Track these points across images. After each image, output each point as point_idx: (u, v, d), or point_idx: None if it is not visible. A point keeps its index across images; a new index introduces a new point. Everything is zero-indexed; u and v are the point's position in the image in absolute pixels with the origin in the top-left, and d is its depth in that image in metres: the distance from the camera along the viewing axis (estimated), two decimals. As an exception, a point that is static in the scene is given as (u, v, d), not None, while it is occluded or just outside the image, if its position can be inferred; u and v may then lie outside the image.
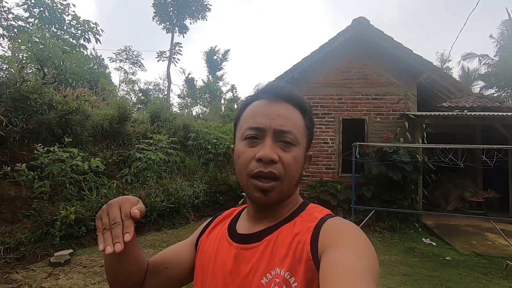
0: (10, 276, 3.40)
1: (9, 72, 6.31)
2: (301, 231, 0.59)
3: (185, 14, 19.25)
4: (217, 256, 0.65)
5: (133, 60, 25.16)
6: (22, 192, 5.33)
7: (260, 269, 0.58)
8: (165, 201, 6.05)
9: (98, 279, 3.38)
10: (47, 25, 7.47)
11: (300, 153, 0.63)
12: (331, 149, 6.73)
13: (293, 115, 0.63)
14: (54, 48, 7.26)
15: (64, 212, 4.36)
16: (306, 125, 0.65)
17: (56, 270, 3.59)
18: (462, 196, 7.41)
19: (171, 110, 14.03)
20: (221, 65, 24.34)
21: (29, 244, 4.13)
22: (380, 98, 6.63)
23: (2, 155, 5.37)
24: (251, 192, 0.62)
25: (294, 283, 0.53)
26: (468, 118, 6.03)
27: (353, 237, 0.53)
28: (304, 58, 6.65)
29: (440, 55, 23.49)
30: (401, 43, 6.28)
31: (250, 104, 0.66)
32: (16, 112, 5.73)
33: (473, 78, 19.89)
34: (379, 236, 5.56)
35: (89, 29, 7.76)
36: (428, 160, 5.65)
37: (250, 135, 0.62)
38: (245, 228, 0.68)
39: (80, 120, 6.99)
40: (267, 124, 0.61)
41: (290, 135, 0.61)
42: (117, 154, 7.84)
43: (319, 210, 0.65)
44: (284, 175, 0.60)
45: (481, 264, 4.25)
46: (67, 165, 4.77)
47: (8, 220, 4.92)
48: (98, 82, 13.71)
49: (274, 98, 0.63)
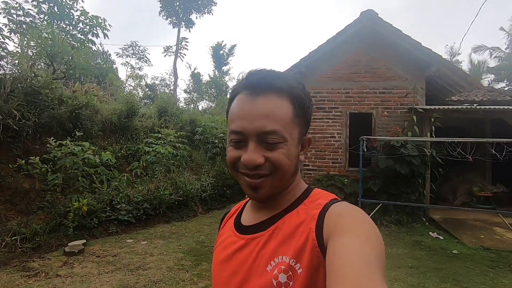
0: (27, 265, 3.54)
1: (21, 68, 6.42)
2: (306, 219, 0.58)
3: (191, 8, 19.22)
4: (225, 250, 0.67)
5: (140, 55, 25.33)
6: (35, 185, 5.48)
7: (265, 257, 0.58)
8: (173, 194, 6.15)
9: (111, 268, 3.49)
10: (56, 20, 7.56)
11: (290, 146, 0.60)
12: (338, 143, 6.73)
13: (278, 108, 0.58)
14: (64, 43, 7.36)
15: (77, 204, 4.48)
16: (295, 114, 0.60)
17: (70, 259, 3.71)
18: (470, 190, 7.36)
19: (178, 105, 14.14)
20: (227, 60, 24.31)
21: (44, 234, 4.26)
22: (388, 92, 6.58)
23: (16, 148, 5.52)
24: (243, 188, 0.62)
25: (299, 269, 0.54)
26: (478, 112, 5.96)
27: (358, 222, 0.52)
28: (311, 51, 6.62)
29: (450, 48, 23.05)
30: (409, 36, 6.20)
31: (235, 98, 0.63)
32: (29, 106, 5.86)
33: (483, 71, 19.50)
34: (385, 229, 5.58)
35: (97, 24, 7.82)
36: (436, 154, 5.62)
37: (234, 139, 0.60)
38: (249, 219, 0.68)
39: (90, 115, 7.12)
40: (248, 127, 0.57)
41: (274, 135, 0.57)
42: (125, 148, 7.97)
43: (324, 195, 0.64)
44: (274, 171, 0.59)
45: (488, 258, 4.25)
46: (79, 158, 4.88)
47: (22, 211, 5.08)
48: (106, 77, 13.86)
49: (256, 90, 0.59)
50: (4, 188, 5.09)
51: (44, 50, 7.13)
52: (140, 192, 5.73)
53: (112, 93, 12.70)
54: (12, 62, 7.17)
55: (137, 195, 5.58)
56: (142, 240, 4.53)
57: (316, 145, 6.79)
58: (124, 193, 5.43)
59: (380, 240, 0.50)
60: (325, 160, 6.75)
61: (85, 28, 7.84)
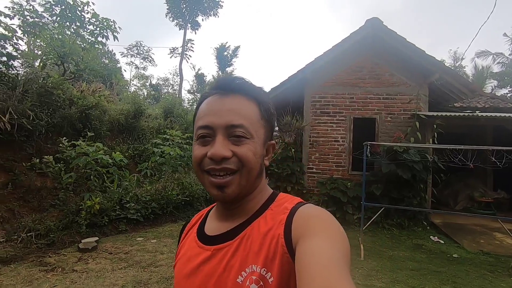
0: (44, 260, 3.69)
1: (35, 69, 6.61)
2: (274, 225, 0.58)
3: (197, 11, 19.43)
4: (189, 263, 0.64)
5: (144, 55, 25.60)
6: (47, 183, 5.65)
7: (234, 268, 0.56)
8: (180, 195, 6.31)
9: (124, 264, 3.64)
10: (68, 22, 7.74)
11: (257, 144, 0.61)
12: (342, 147, 6.87)
13: (245, 107, 0.61)
14: (74, 45, 7.55)
15: (89, 202, 4.63)
16: (261, 116, 0.63)
17: (84, 255, 3.87)
18: (471, 196, 7.46)
19: (183, 106, 14.33)
20: (231, 61, 24.48)
21: (57, 231, 4.42)
22: (392, 97, 6.71)
23: (29, 147, 5.69)
24: (208, 189, 0.61)
25: (270, 278, 0.53)
26: (479, 119, 6.08)
27: (325, 224, 0.53)
28: (317, 57, 6.76)
29: (453, 53, 23.13)
30: (413, 44, 6.34)
31: (204, 101, 0.64)
32: (42, 106, 6.04)
33: (486, 76, 19.57)
34: (387, 233, 5.71)
35: (108, 26, 8.01)
36: (438, 160, 5.74)
37: (201, 134, 0.61)
38: (214, 229, 0.66)
39: (99, 115, 7.29)
40: (216, 121, 0.59)
41: (241, 128, 0.59)
42: (132, 148, 8.14)
43: (289, 199, 0.63)
44: (241, 167, 0.59)
45: (487, 262, 4.37)
46: (91, 158, 5.04)
47: (35, 208, 5.25)
48: (112, 78, 14.06)
49: (226, 91, 0.62)
50: (18, 186, 5.27)
51: (55, 51, 7.31)
52: (148, 192, 5.89)
53: (118, 93, 12.91)
54: (25, 63, 7.37)
55: (145, 195, 5.74)
56: (152, 239, 4.68)
57: (320, 149, 6.93)
58: (133, 193, 5.59)
59: (346, 240, 0.51)
60: (329, 164, 6.88)
61: (96, 30, 8.02)
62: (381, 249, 4.80)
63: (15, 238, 4.13)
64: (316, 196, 6.65)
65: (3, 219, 4.70)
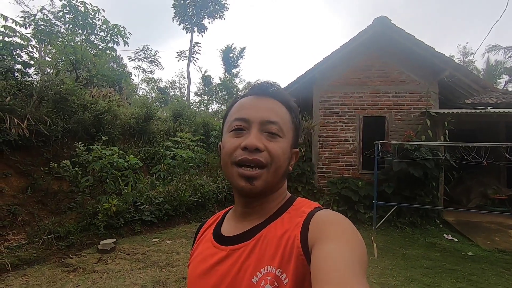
0: (65, 261, 3.82)
1: (50, 76, 6.80)
2: (291, 227, 0.58)
3: (203, 14, 19.60)
4: (204, 263, 0.64)
5: (151, 59, 25.93)
6: (63, 186, 5.82)
7: (250, 268, 0.57)
8: (192, 196, 6.41)
9: (142, 265, 3.74)
10: (80, 30, 7.94)
11: (287, 145, 0.63)
12: (352, 146, 6.87)
13: (279, 109, 0.65)
14: (86, 51, 7.74)
15: (106, 204, 4.76)
16: (292, 120, 0.67)
17: (104, 256, 3.98)
18: (484, 193, 7.37)
19: (192, 109, 14.50)
20: (237, 63, 24.60)
21: (76, 233, 4.56)
22: (401, 96, 6.69)
23: (46, 152, 5.87)
24: (236, 181, 0.61)
25: (285, 279, 0.53)
26: (492, 115, 6.01)
27: (342, 229, 0.53)
28: (325, 57, 6.79)
29: (463, 48, 22.77)
30: (422, 41, 6.31)
31: (236, 102, 0.68)
32: (57, 112, 6.23)
33: (499, 72, 19.15)
34: (399, 231, 5.70)
35: (118, 32, 8.18)
36: (450, 157, 5.70)
37: (236, 126, 0.63)
38: (231, 229, 0.67)
39: (111, 119, 7.46)
40: (253, 115, 0.62)
41: (276, 125, 0.62)
42: (144, 151, 8.30)
43: (307, 204, 0.64)
44: (270, 163, 0.60)
45: (503, 260, 4.33)
46: (107, 161, 5.18)
47: (53, 211, 5.42)
48: (122, 82, 14.30)
49: (261, 94, 0.66)
50: (37, 190, 5.45)
51: (68, 58, 7.51)
52: (161, 194, 6.00)
53: (126, 97, 13.13)
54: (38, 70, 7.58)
55: (158, 197, 5.85)
56: (167, 239, 4.78)
57: (330, 148, 6.95)
58: (146, 195, 5.71)
59: (363, 246, 0.51)
60: (339, 163, 6.90)
61: (107, 36, 8.20)
62: (394, 248, 4.80)
63: (36, 240, 4.27)
64: (327, 196, 6.67)
65: (24, 222, 4.87)
